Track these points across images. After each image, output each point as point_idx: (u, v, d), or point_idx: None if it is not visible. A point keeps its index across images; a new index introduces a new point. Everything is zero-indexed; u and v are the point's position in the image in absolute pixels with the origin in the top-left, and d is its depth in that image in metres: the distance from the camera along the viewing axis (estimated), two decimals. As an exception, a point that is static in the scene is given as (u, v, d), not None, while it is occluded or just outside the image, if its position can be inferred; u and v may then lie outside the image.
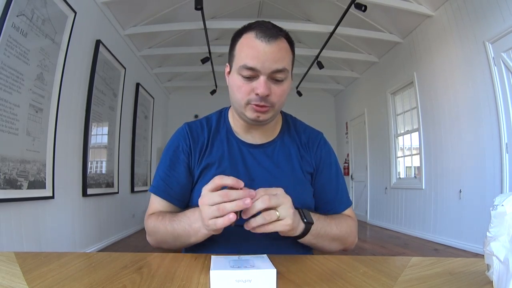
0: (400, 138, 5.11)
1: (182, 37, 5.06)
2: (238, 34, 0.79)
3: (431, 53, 4.10)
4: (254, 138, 0.87)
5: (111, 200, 4.01)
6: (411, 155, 4.91)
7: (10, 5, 2.11)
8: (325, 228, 0.74)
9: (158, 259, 0.61)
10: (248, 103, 0.77)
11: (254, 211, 0.59)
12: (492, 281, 0.42)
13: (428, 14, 3.99)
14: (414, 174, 4.90)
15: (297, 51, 5.63)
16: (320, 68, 5.30)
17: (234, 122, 0.89)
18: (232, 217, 0.57)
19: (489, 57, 3.14)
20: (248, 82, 0.76)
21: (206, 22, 4.08)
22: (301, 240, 0.71)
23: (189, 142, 0.86)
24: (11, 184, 2.19)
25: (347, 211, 0.90)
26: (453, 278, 0.51)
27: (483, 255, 0.43)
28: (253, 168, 0.84)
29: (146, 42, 4.92)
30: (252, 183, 0.81)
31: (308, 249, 0.81)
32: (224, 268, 0.45)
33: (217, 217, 0.58)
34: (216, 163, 0.84)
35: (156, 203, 0.84)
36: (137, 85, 5.01)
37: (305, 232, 0.69)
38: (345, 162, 7.09)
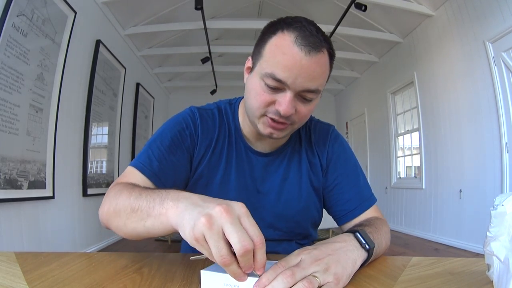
0: (400, 137, 5.11)
1: (182, 37, 5.06)
2: (273, 30, 0.63)
3: (431, 52, 4.10)
4: (263, 145, 0.78)
5: (111, 200, 4.00)
6: (411, 154, 4.91)
7: (10, 5, 2.11)
8: (377, 241, 0.60)
9: (158, 259, 0.61)
10: (263, 114, 0.66)
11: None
12: (492, 281, 0.42)
13: (428, 14, 3.99)
14: (414, 173, 4.90)
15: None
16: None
17: (244, 123, 0.77)
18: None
19: (489, 57, 3.14)
20: (271, 93, 0.63)
21: (206, 22, 4.08)
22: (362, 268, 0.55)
23: (198, 130, 0.74)
24: (11, 184, 2.19)
25: (373, 211, 0.77)
26: (453, 278, 0.51)
27: (483, 255, 0.43)
28: (260, 180, 0.76)
29: (146, 42, 4.92)
30: (257, 196, 0.76)
31: None
32: (215, 270, 0.44)
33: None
34: (221, 168, 0.74)
35: (139, 181, 0.64)
36: (137, 85, 5.01)
37: (369, 256, 0.54)
38: (345, 162, 7.09)
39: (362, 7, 3.55)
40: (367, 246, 0.54)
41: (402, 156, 5.13)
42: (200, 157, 0.73)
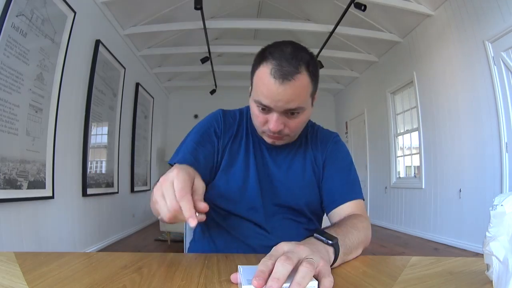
0: (400, 137, 5.12)
1: (182, 37, 5.06)
2: (259, 60, 0.76)
3: (431, 52, 4.10)
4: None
5: (111, 200, 4.01)
6: (411, 154, 4.91)
7: (9, 5, 2.11)
8: (348, 237, 0.64)
9: (158, 259, 0.61)
10: (263, 131, 0.81)
11: (281, 283, 0.41)
12: (491, 281, 0.42)
13: (428, 14, 3.99)
14: (414, 173, 4.90)
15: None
16: (320, 68, 5.27)
17: None
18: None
19: (489, 57, 3.14)
20: (263, 114, 0.77)
21: (206, 22, 4.08)
22: (336, 264, 0.58)
23: (221, 126, 0.89)
24: (11, 184, 2.19)
25: (356, 205, 0.84)
26: (453, 277, 0.51)
27: (483, 255, 0.43)
28: (271, 167, 0.88)
29: (146, 42, 4.92)
30: (267, 179, 0.87)
31: None
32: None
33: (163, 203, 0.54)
34: (241, 154, 0.87)
35: None
36: (137, 85, 5.00)
37: (337, 252, 0.57)
38: (345, 162, 7.10)
39: (361, 7, 3.55)
40: (329, 242, 0.56)
41: (401, 156, 5.13)
42: (224, 145, 0.88)
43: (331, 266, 0.54)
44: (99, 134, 3.77)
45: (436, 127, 4.02)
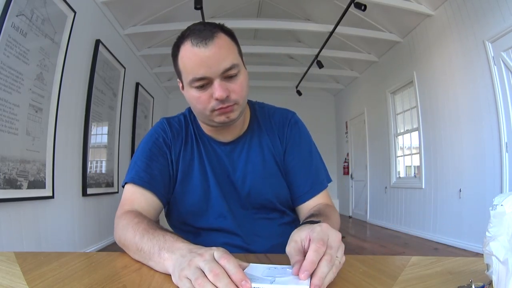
0: (400, 137, 5.11)
1: (182, 37, 5.05)
2: (175, 48, 0.75)
3: (431, 52, 4.10)
4: (225, 136, 0.85)
5: (111, 200, 4.00)
6: (411, 154, 4.91)
7: (9, 5, 2.11)
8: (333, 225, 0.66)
9: (158, 258, 0.61)
10: (212, 110, 0.74)
11: (323, 276, 0.44)
12: (492, 281, 0.42)
13: (428, 14, 3.99)
14: (414, 173, 4.90)
15: (297, 50, 5.58)
16: (320, 68, 5.30)
17: (202, 125, 0.86)
18: None
19: (489, 57, 3.14)
20: (204, 91, 0.72)
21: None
22: None
23: (169, 135, 0.84)
24: (11, 184, 2.19)
25: (324, 196, 0.85)
26: (453, 277, 0.51)
27: (483, 255, 0.43)
28: (228, 166, 0.84)
29: (146, 42, 4.92)
30: (227, 179, 0.84)
31: None
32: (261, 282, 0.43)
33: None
34: (195, 161, 0.83)
35: (138, 196, 0.75)
36: (137, 84, 5.00)
37: None
38: (345, 161, 7.10)
39: (361, 7, 3.55)
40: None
41: (401, 156, 5.13)
42: (177, 155, 0.83)
43: None
44: (99, 134, 3.76)
45: (436, 127, 4.02)
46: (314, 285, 0.42)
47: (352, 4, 3.58)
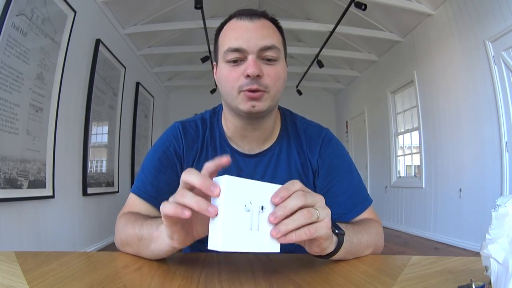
0: (400, 137, 5.11)
1: (182, 36, 5.06)
2: (220, 27, 0.75)
3: (431, 52, 4.09)
4: (250, 145, 0.78)
5: (111, 199, 4.01)
6: (411, 153, 4.91)
7: (10, 5, 2.11)
8: (357, 237, 0.62)
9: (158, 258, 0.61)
10: (239, 90, 0.67)
11: (287, 211, 0.45)
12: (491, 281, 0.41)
13: (428, 13, 3.98)
14: (414, 172, 4.90)
15: (297, 50, 5.58)
16: (320, 67, 5.30)
17: (227, 125, 0.79)
18: (187, 214, 0.44)
19: (489, 56, 3.14)
20: (236, 67, 0.67)
21: (206, 21, 4.07)
22: (334, 257, 0.56)
23: (182, 145, 0.77)
24: (11, 183, 2.19)
25: (368, 213, 0.78)
26: (453, 277, 0.51)
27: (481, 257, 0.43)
28: None
29: (146, 41, 4.92)
30: None
31: None
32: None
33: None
34: None
35: (142, 208, 0.73)
36: (137, 84, 5.00)
37: (339, 245, 0.55)
38: (345, 161, 7.10)
39: (362, 6, 3.55)
40: (335, 230, 0.55)
41: (402, 155, 5.13)
42: (190, 166, 0.76)
43: (328, 257, 0.55)
44: (100, 134, 3.77)
45: (437, 126, 4.01)
46: (270, 221, 0.43)
47: (353, 4, 3.58)
